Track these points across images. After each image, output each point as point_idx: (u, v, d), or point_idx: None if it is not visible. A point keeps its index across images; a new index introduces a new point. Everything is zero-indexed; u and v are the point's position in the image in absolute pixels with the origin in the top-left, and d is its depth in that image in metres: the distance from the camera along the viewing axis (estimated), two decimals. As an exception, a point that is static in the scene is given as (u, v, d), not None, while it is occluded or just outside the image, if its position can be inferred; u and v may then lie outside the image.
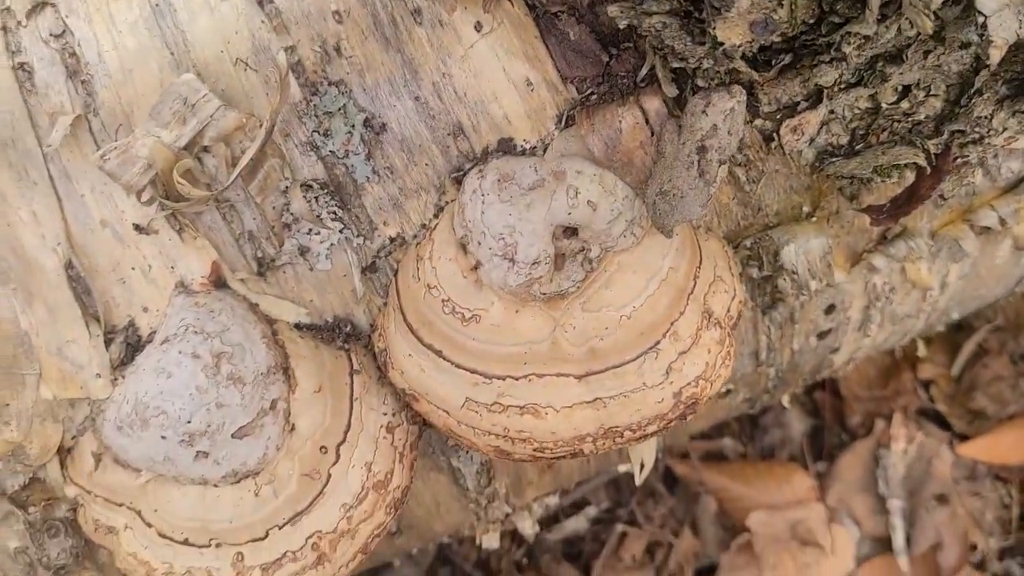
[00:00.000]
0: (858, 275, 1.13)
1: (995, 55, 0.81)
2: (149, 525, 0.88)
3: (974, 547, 1.76)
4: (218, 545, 0.87)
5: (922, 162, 0.90)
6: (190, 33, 0.90)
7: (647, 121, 0.86)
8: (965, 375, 2.00)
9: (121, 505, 0.90)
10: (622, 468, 1.39)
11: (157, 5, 0.91)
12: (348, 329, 0.96)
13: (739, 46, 0.77)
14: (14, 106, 0.89)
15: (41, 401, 0.89)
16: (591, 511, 1.85)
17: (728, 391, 1.21)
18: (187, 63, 0.89)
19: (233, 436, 0.86)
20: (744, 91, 0.81)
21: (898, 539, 1.77)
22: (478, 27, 0.88)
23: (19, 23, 0.91)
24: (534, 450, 0.90)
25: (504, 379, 0.89)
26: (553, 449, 0.90)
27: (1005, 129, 0.95)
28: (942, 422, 1.94)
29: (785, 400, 1.38)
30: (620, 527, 1.82)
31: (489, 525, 1.23)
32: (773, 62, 0.83)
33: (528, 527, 1.26)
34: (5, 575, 0.95)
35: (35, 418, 0.90)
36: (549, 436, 0.89)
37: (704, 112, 0.81)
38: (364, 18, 0.89)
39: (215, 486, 0.88)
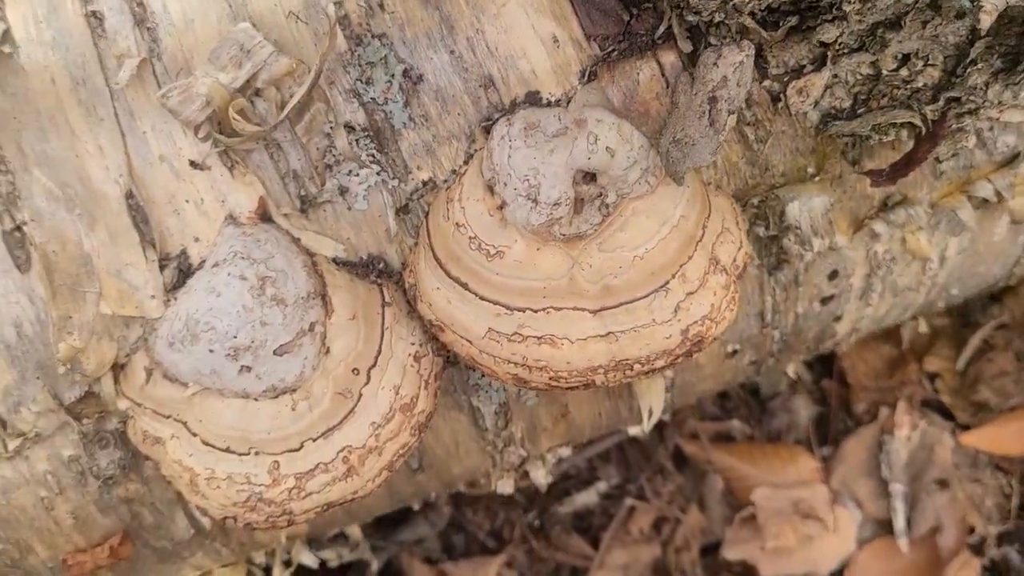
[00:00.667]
0: (860, 242, 1.19)
1: (986, 20, 0.88)
2: (194, 434, 0.96)
3: (972, 530, 1.81)
4: (256, 453, 0.95)
5: (918, 123, 0.97)
6: (247, -12, 0.98)
7: (663, 74, 0.94)
8: (970, 369, 2.05)
9: (168, 417, 0.97)
10: (632, 430, 1.45)
11: (218, -37, 0.99)
12: (381, 266, 1.04)
13: (748, 2, 0.84)
14: (85, 49, 0.98)
15: (100, 318, 0.97)
16: (601, 486, 1.91)
17: (735, 351, 1.27)
18: (243, 15, 0.97)
19: (274, 353, 0.93)
20: (752, 45, 0.89)
21: (899, 521, 1.82)
22: (510, -13, 0.96)
23: (92, -25, 1.00)
24: (550, 378, 0.97)
25: (524, 311, 0.96)
26: (567, 378, 0.97)
27: (1000, 101, 1.02)
28: (946, 413, 1.99)
29: (790, 370, 1.45)
30: (629, 501, 1.88)
31: (504, 472, 1.30)
32: (780, 23, 0.91)
33: (541, 477, 1.32)
34: (59, 481, 1.02)
35: (93, 334, 0.98)
36: (564, 365, 0.96)
37: (715, 64, 0.89)
38: (406, -23, 0.97)
39: (256, 400, 0.95)
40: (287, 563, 1.28)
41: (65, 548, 1.06)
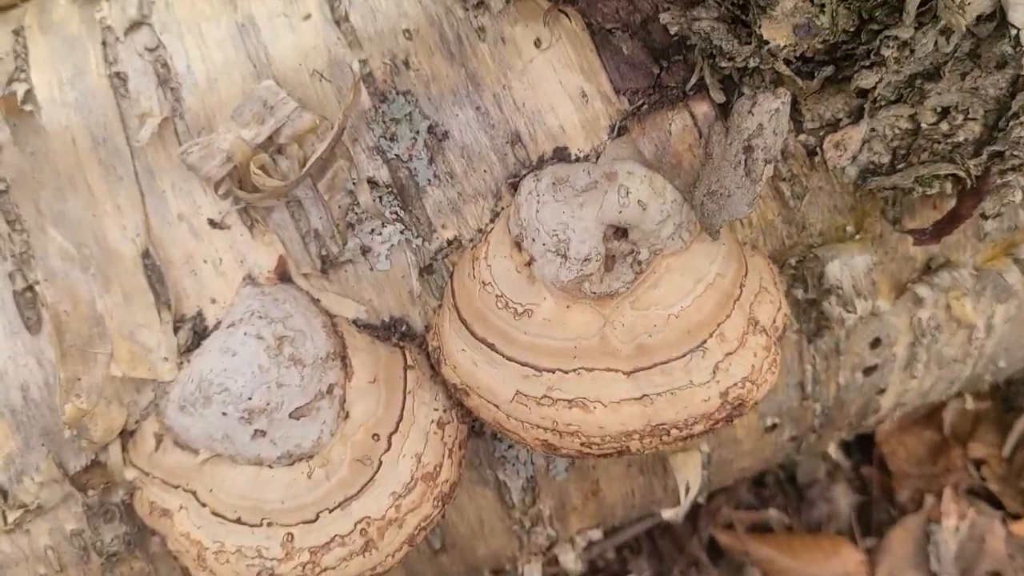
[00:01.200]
0: (903, 307, 1.14)
1: (1030, 65, 0.86)
2: (203, 505, 0.90)
3: (1032, 627, 1.69)
4: (269, 524, 0.89)
5: (962, 174, 0.93)
6: (272, 48, 0.98)
7: (696, 124, 0.91)
8: (1017, 455, 1.96)
9: (177, 487, 0.92)
10: (666, 513, 1.38)
11: (243, 24, 0.99)
12: (403, 329, 0.99)
13: (783, 47, 0.82)
14: (108, 109, 0.97)
15: (110, 381, 0.93)
16: (633, 580, 1.81)
17: (774, 425, 1.21)
18: (267, 74, 0.96)
19: (290, 416, 0.89)
20: (788, 92, 0.86)
21: (952, 618, 1.71)
22: (537, 43, 0.95)
23: (117, 39, 1.00)
24: (581, 444, 0.92)
25: (554, 372, 0.91)
26: (600, 444, 0.92)
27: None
28: (994, 502, 1.89)
29: (832, 450, 1.37)
30: (662, 595, 1.78)
31: (531, 556, 1.23)
32: (815, 73, 0.88)
33: (571, 562, 1.25)
34: (60, 558, 0.97)
35: (102, 399, 0.94)
36: (597, 431, 0.91)
37: (751, 112, 0.86)
38: (432, 35, 0.96)
39: (270, 467, 0.90)
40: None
41: (64, 632, 1.00)
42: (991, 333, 1.24)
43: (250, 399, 0.88)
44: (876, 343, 1.17)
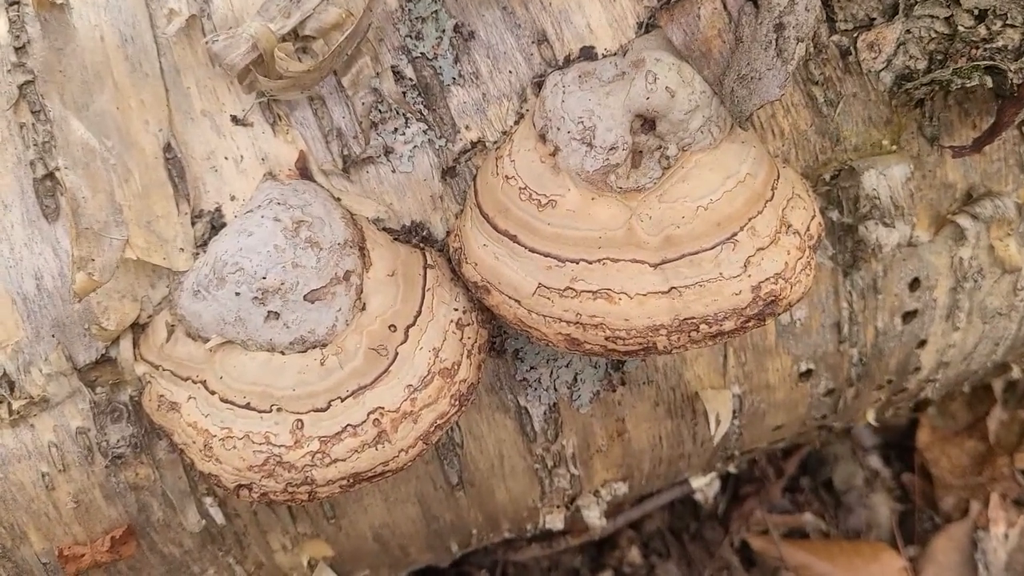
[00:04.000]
0: (943, 244, 1.10)
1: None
2: (212, 393, 0.87)
3: (1091, 637, 1.58)
4: (279, 410, 0.85)
5: (1004, 68, 0.90)
6: (300, -47, 0.98)
7: (725, 7, 0.90)
8: (1068, 466, 1.87)
9: (187, 379, 0.89)
10: (695, 483, 1.32)
11: (272, -67, 1.00)
12: (424, 233, 0.97)
13: (814, -84, 0.81)
14: (136, 8, 0.97)
15: (123, 274, 0.91)
16: (662, 583, 1.73)
17: (808, 371, 1.16)
18: (296, -23, 0.97)
19: (305, 298, 0.86)
20: (820, -33, 0.85)
21: (1004, 628, 1.60)
22: (565, -58, 0.95)
23: (150, -59, 1.01)
24: (606, 338, 0.88)
25: (578, 263, 0.88)
26: (626, 339, 0.87)
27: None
28: (1046, 513, 1.79)
29: (870, 416, 1.31)
30: (692, 600, 1.69)
31: (554, 507, 1.17)
32: (848, -41, 0.87)
33: (596, 517, 1.19)
34: (63, 456, 0.93)
35: (114, 293, 0.92)
36: (622, 323, 0.87)
37: (781, -12, 0.84)
38: (460, -64, 0.96)
39: (282, 353, 0.87)
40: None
41: (63, 539, 0.95)
42: (1037, 285, 1.19)
43: (264, 278, 0.85)
44: (915, 284, 1.13)
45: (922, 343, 1.19)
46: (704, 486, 1.33)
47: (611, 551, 1.78)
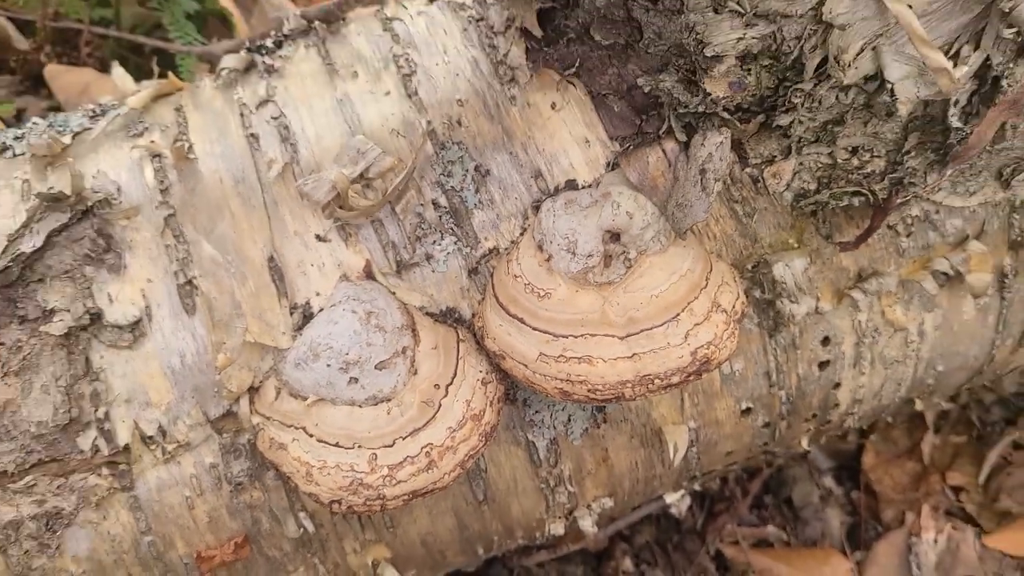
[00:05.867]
0: (844, 311, 1.46)
1: (903, 109, 1.20)
2: (311, 436, 1.23)
3: (1002, 621, 1.91)
4: (359, 447, 1.21)
5: (864, 192, 1.27)
6: (362, 114, 1.36)
7: (666, 156, 1.27)
8: (991, 483, 2.21)
9: (291, 426, 1.25)
10: (668, 498, 1.66)
11: (340, 99, 1.38)
12: (456, 316, 1.33)
13: (722, 98, 1.18)
14: (245, 159, 1.35)
15: (243, 348, 1.27)
16: (649, 587, 2.07)
17: (748, 408, 1.51)
18: (359, 132, 1.34)
19: (376, 367, 1.22)
20: (728, 131, 1.22)
21: (933, 618, 1.94)
22: (553, 106, 1.33)
23: (251, 111, 1.39)
24: (588, 391, 1.23)
25: (567, 337, 1.24)
26: (602, 390, 1.23)
27: (939, 189, 1.33)
28: (970, 521, 2.13)
29: (804, 442, 1.66)
30: (675, 600, 2.03)
31: (556, 518, 1.52)
32: (751, 120, 1.24)
33: (589, 525, 1.53)
34: (200, 483, 1.29)
35: (236, 364, 1.28)
36: (599, 380, 1.23)
37: (703, 144, 1.22)
38: (477, 103, 1.34)
39: (360, 407, 1.23)
40: (371, 593, 1.48)
41: (199, 544, 1.31)
42: (924, 338, 1.55)
43: (347, 354, 1.22)
44: (826, 340, 1.49)
45: (837, 385, 1.55)
46: (676, 501, 1.67)
47: (607, 561, 2.12)
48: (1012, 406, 2.35)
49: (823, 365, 1.51)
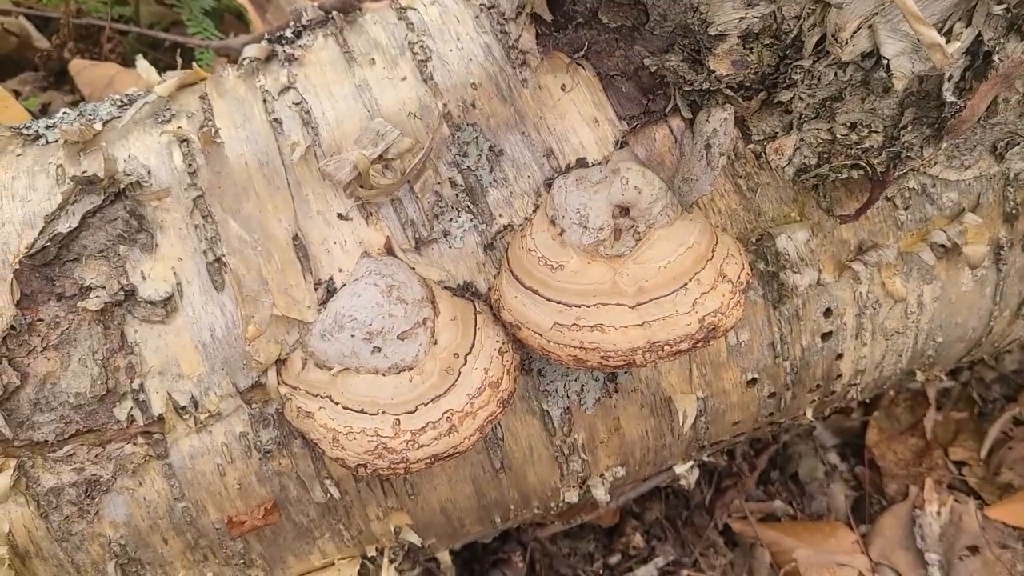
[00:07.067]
0: (846, 283, 1.52)
1: (899, 85, 1.26)
2: (336, 403, 1.29)
3: (1005, 589, 1.96)
4: (383, 413, 1.27)
5: (863, 165, 1.33)
6: (380, 99, 1.42)
7: (672, 133, 1.32)
8: (992, 457, 2.26)
9: (317, 395, 1.31)
10: (678, 469, 1.72)
11: (359, 85, 1.44)
12: (473, 290, 1.39)
13: (725, 75, 1.24)
14: (269, 142, 1.41)
15: (271, 322, 1.33)
16: (660, 561, 2.12)
17: (754, 379, 1.57)
18: (377, 116, 1.40)
19: (398, 337, 1.28)
20: (731, 107, 1.27)
21: (937, 586, 1.99)
22: (563, 87, 1.38)
23: (273, 97, 1.45)
24: (601, 358, 1.29)
25: (580, 307, 1.30)
26: (614, 358, 1.29)
27: (936, 163, 1.38)
28: (972, 494, 2.19)
29: (809, 413, 1.72)
30: (686, 572, 2.08)
31: (571, 487, 1.58)
32: (753, 97, 1.30)
33: (602, 494, 1.59)
34: (231, 452, 1.35)
35: (263, 337, 1.34)
36: (611, 347, 1.29)
37: (707, 121, 1.27)
38: (490, 86, 1.40)
39: (383, 375, 1.29)
40: (393, 560, 1.54)
41: (230, 510, 1.37)
42: (923, 310, 1.61)
43: (370, 325, 1.28)
44: (828, 312, 1.54)
45: (839, 356, 1.61)
46: (686, 472, 1.73)
47: (619, 537, 2.18)
48: (1012, 383, 2.40)
49: (826, 336, 1.57)
